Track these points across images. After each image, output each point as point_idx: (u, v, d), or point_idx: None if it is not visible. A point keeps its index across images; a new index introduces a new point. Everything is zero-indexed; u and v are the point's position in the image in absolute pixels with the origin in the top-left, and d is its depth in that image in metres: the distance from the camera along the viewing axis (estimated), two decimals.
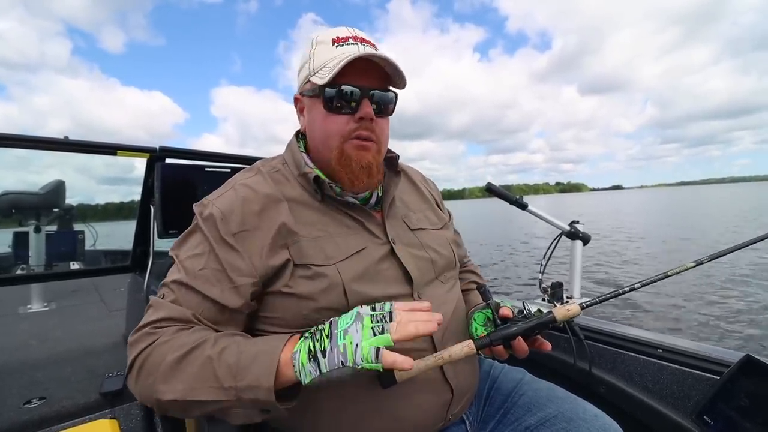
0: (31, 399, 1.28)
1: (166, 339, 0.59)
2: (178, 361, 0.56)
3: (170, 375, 0.56)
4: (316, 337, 0.56)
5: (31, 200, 3.01)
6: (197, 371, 0.55)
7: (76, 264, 3.27)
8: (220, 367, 0.55)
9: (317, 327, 0.59)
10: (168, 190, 1.45)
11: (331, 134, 0.71)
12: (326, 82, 0.67)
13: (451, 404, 0.73)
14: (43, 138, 1.33)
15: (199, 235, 0.68)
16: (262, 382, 0.53)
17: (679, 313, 5.45)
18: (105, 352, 1.73)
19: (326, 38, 0.72)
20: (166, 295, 0.65)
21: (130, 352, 0.61)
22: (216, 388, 0.54)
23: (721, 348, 0.99)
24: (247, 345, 0.58)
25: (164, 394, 0.56)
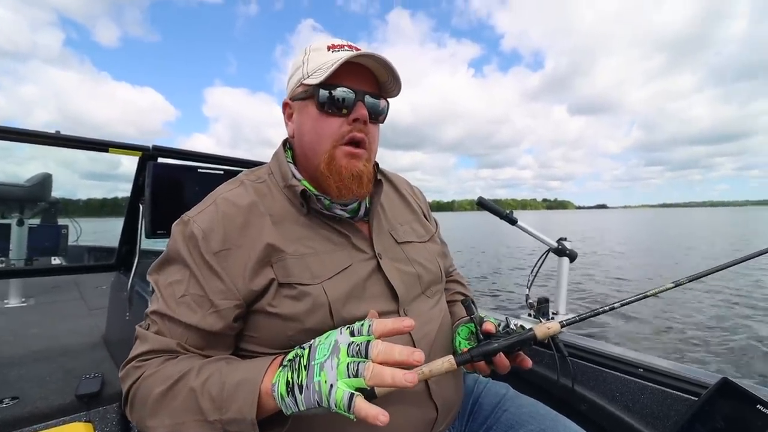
0: (3, 399, 1.24)
1: (152, 372, 0.59)
2: (164, 394, 0.56)
3: (157, 409, 0.56)
4: (294, 366, 0.53)
5: (15, 192, 2.95)
6: (182, 404, 0.55)
7: (57, 259, 3.20)
8: (204, 400, 0.54)
9: (296, 353, 0.56)
10: (158, 190, 1.44)
11: (323, 136, 0.69)
12: (322, 80, 0.66)
13: (435, 422, 0.72)
14: (35, 132, 1.31)
15: (179, 260, 0.66)
16: (245, 415, 0.52)
17: (660, 332, 5.52)
18: (83, 352, 1.69)
19: (321, 45, 0.71)
20: (150, 325, 0.65)
21: (123, 386, 0.62)
22: (202, 421, 0.53)
23: (700, 369, 1.01)
24: (229, 373, 0.56)
25: (154, 429, 0.56)
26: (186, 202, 1.50)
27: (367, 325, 0.54)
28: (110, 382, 1.36)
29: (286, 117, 0.77)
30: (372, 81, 0.71)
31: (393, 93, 0.74)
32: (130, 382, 0.60)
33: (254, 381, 0.54)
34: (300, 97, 0.71)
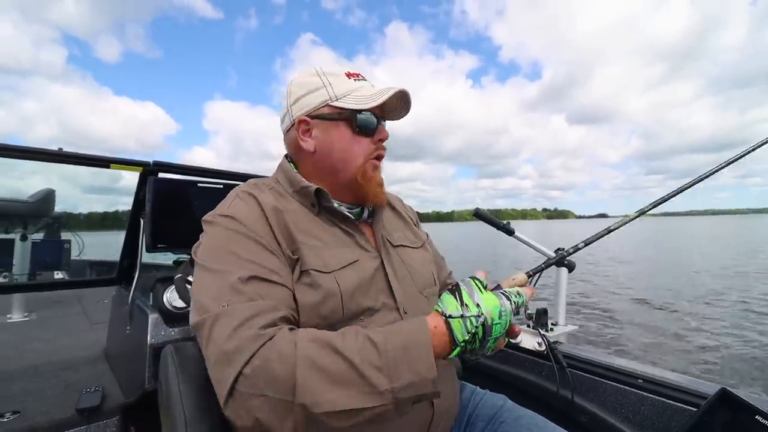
0: (4, 413, 1.24)
1: (281, 344, 0.53)
2: (316, 367, 0.51)
3: (316, 384, 0.51)
4: (470, 340, 0.58)
5: (19, 208, 2.98)
6: (347, 378, 0.51)
7: (60, 273, 3.22)
8: (369, 372, 0.51)
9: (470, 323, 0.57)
10: (159, 204, 1.46)
11: (358, 154, 0.79)
12: (371, 107, 0.75)
13: (431, 424, 0.73)
14: (39, 149, 1.33)
15: (225, 233, 0.67)
16: (425, 375, 0.52)
17: (659, 342, 5.47)
18: (84, 366, 1.69)
19: (337, 71, 0.79)
20: (231, 301, 0.59)
21: (236, 359, 0.53)
22: (371, 393, 0.51)
23: (699, 380, 1.00)
24: (387, 340, 0.55)
25: (315, 405, 0.50)
26: (186, 217, 1.52)
27: (524, 302, 0.65)
28: (111, 395, 1.36)
29: (301, 133, 0.80)
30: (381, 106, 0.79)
31: (395, 117, 0.85)
32: (249, 354, 0.53)
33: (425, 343, 0.54)
34: (328, 117, 0.78)
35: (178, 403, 0.71)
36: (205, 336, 0.58)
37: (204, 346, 0.58)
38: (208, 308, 0.59)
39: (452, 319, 0.58)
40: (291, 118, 0.81)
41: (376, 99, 0.76)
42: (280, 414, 0.51)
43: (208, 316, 0.58)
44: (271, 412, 0.51)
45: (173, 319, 1.36)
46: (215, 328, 0.57)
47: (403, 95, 0.79)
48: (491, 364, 1.40)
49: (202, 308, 0.60)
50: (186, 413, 0.69)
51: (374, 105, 0.75)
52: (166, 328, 1.33)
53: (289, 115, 0.81)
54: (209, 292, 0.61)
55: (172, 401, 0.73)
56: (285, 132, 0.84)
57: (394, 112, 0.84)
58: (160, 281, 1.43)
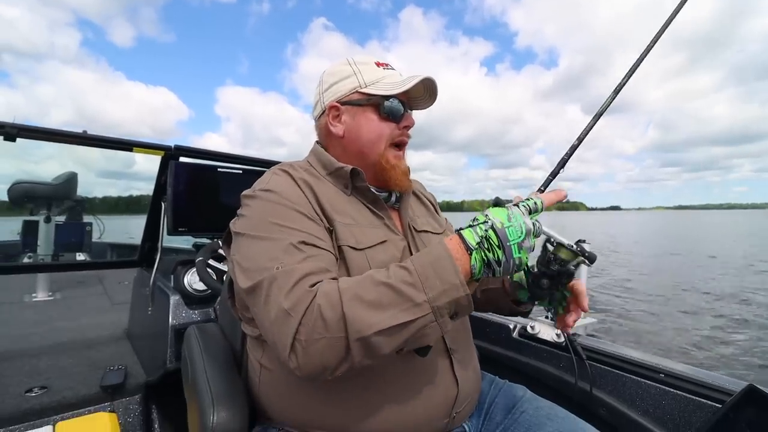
0: (32, 387, 1.29)
1: (327, 289, 0.58)
2: (359, 298, 0.56)
3: (362, 312, 0.55)
4: (486, 247, 0.60)
5: (43, 190, 3.06)
6: (388, 300, 0.56)
7: (82, 255, 3.31)
8: (405, 288, 0.56)
9: (481, 235, 0.60)
10: (180, 189, 1.48)
11: (382, 137, 0.81)
12: (395, 93, 0.78)
13: (456, 401, 0.74)
14: (64, 131, 1.36)
15: (268, 205, 0.70)
16: (453, 281, 0.57)
17: (682, 337, 5.38)
18: (107, 345, 1.75)
19: (366, 60, 0.83)
20: (284, 263, 0.61)
21: (296, 311, 0.56)
22: (411, 306, 0.56)
23: (724, 376, 0.98)
24: (414, 261, 0.60)
25: (366, 329, 0.54)
26: (207, 201, 1.54)
27: (541, 203, 0.65)
28: (133, 374, 1.40)
29: (331, 118, 0.83)
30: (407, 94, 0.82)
31: (422, 106, 0.87)
32: (305, 307, 0.56)
33: (446, 256, 0.59)
34: (357, 103, 0.81)
35: (204, 381, 0.73)
36: (262, 296, 0.60)
37: (260, 306, 0.60)
38: (262, 271, 0.61)
39: (462, 230, 0.62)
40: (322, 105, 0.84)
41: (404, 85, 0.78)
42: (340, 351, 0.55)
43: (265, 277, 0.60)
44: (331, 353, 0.55)
45: (194, 301, 1.39)
46: (273, 288, 0.59)
47: (429, 85, 0.81)
48: (510, 354, 1.40)
49: (256, 271, 0.62)
50: (212, 390, 0.70)
51: (401, 91, 0.78)
52: (187, 310, 1.36)
53: (320, 102, 0.85)
54: (260, 258, 0.63)
55: (198, 379, 0.74)
56: (316, 119, 0.87)
57: (420, 101, 0.86)
58: (180, 264, 1.46)
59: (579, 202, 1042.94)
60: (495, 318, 1.51)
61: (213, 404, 0.67)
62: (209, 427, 0.64)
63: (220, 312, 1.18)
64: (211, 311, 1.39)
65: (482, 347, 0.79)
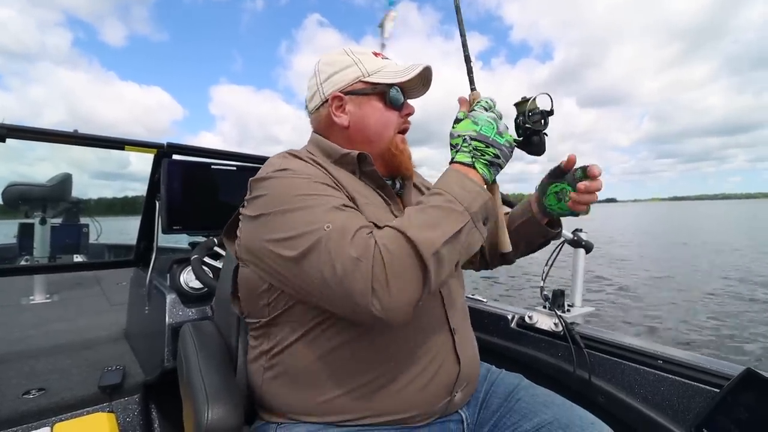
0: (30, 390, 1.29)
1: (381, 233, 0.61)
2: (414, 224, 0.60)
3: (423, 233, 0.59)
4: (479, 152, 0.67)
5: (38, 192, 3.04)
6: (437, 217, 0.61)
7: (79, 257, 3.29)
8: (446, 204, 0.62)
9: (467, 147, 0.68)
10: (174, 187, 1.46)
11: (389, 125, 0.83)
12: (398, 81, 0.80)
13: (457, 380, 0.75)
14: (54, 131, 1.34)
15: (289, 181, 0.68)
16: (475, 189, 0.65)
17: (679, 323, 5.41)
18: (105, 345, 1.74)
19: (364, 50, 0.84)
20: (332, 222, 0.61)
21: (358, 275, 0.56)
22: (456, 216, 0.62)
23: (722, 360, 0.98)
24: (440, 186, 0.66)
25: (434, 243, 0.58)
26: (201, 199, 1.53)
27: (492, 101, 0.73)
28: (131, 373, 1.40)
29: (334, 109, 0.82)
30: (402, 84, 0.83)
31: (415, 96, 0.88)
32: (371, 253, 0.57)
33: (460, 175, 0.66)
34: (362, 92, 0.81)
35: (198, 379, 0.72)
36: (320, 256, 0.59)
37: (318, 267, 0.59)
38: (312, 234, 0.60)
39: (454, 159, 0.69)
40: (322, 96, 0.82)
41: (407, 73, 0.80)
42: (418, 276, 0.58)
43: (320, 237, 0.59)
44: (412, 280, 0.58)
45: (190, 300, 1.39)
46: (330, 244, 0.59)
47: (425, 74, 0.83)
48: (508, 345, 1.40)
49: (303, 237, 0.61)
50: (207, 387, 0.70)
51: (407, 78, 0.79)
52: (184, 308, 1.35)
53: (319, 93, 0.83)
54: (302, 224, 0.62)
55: (192, 377, 0.74)
56: (314, 110, 0.85)
57: (414, 91, 0.87)
58: (176, 262, 1.45)
59: None
60: (493, 308, 1.51)
61: (207, 402, 0.66)
62: (204, 424, 0.64)
63: (216, 309, 1.17)
64: (208, 309, 1.38)
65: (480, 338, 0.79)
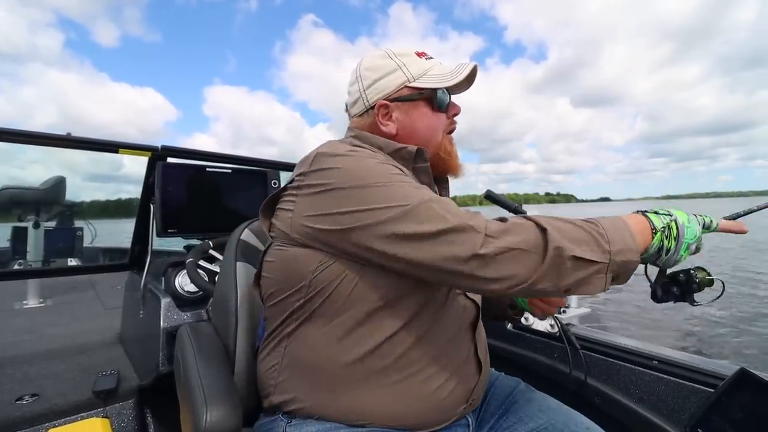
0: (23, 395, 1.27)
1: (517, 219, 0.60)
2: (556, 228, 0.58)
3: (562, 237, 0.57)
4: (666, 235, 0.65)
5: (31, 196, 3.01)
6: (582, 237, 0.59)
7: (74, 260, 3.26)
8: (596, 235, 0.60)
9: (666, 223, 0.65)
10: (168, 190, 1.46)
11: (437, 129, 0.82)
12: (453, 84, 0.78)
13: (475, 387, 0.76)
14: (46, 134, 1.33)
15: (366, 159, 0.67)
16: (632, 245, 0.61)
17: (674, 324, 5.44)
18: (99, 350, 1.73)
19: (407, 52, 0.81)
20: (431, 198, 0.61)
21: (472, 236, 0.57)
22: (599, 251, 0.59)
23: (716, 360, 0.99)
24: (597, 221, 0.63)
25: (565, 248, 0.56)
26: (196, 201, 1.52)
27: (716, 224, 0.70)
28: (126, 378, 1.38)
29: (381, 117, 0.80)
30: None
31: (459, 92, 0.85)
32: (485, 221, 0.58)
33: (626, 227, 0.63)
34: (409, 98, 0.79)
35: (196, 381, 0.72)
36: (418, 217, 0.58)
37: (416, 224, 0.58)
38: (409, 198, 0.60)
39: (648, 212, 0.67)
40: (366, 103, 0.80)
41: (456, 76, 0.78)
42: (533, 262, 0.57)
43: (412, 204, 0.59)
44: (522, 262, 0.57)
45: (185, 303, 1.38)
46: (431, 209, 0.59)
47: (473, 73, 0.81)
48: (504, 346, 1.40)
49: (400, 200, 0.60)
50: (205, 389, 0.69)
51: (456, 82, 0.78)
52: (179, 312, 1.34)
53: (363, 100, 0.80)
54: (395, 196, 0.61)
55: (190, 379, 0.73)
56: (357, 116, 0.83)
57: (458, 87, 0.84)
58: (171, 266, 1.44)
59: (570, 195, 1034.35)
60: None
61: (206, 404, 0.66)
62: (202, 427, 0.63)
63: (214, 311, 1.17)
64: (203, 313, 1.37)
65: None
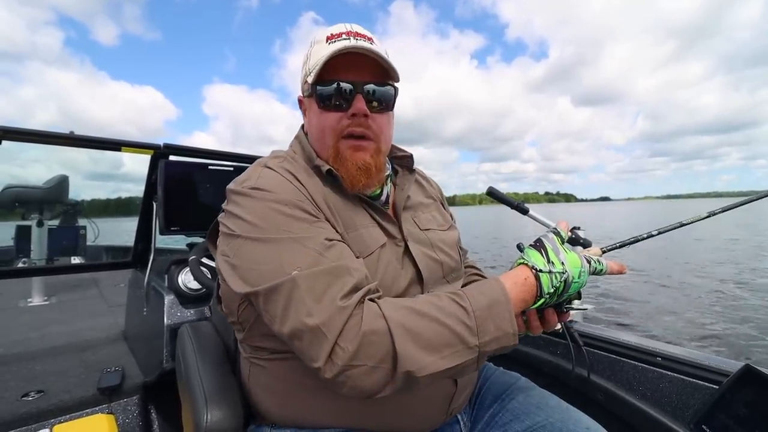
0: (29, 392, 1.28)
1: (371, 314, 0.54)
2: (410, 334, 0.53)
3: (415, 352, 0.52)
4: (550, 294, 0.61)
5: (34, 194, 3.02)
6: (441, 341, 0.54)
7: (77, 259, 3.27)
8: (461, 330, 0.54)
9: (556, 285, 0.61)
10: (171, 187, 1.46)
11: (326, 131, 0.70)
12: (313, 79, 0.67)
13: (453, 397, 0.73)
14: (49, 132, 1.33)
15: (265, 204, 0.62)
16: (507, 330, 0.56)
17: (678, 320, 5.42)
18: (103, 347, 1.74)
19: (322, 37, 0.70)
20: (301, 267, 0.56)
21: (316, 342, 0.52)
22: (463, 349, 0.54)
23: (721, 357, 0.98)
24: (472, 299, 0.57)
25: (417, 370, 0.52)
26: (198, 199, 1.52)
27: (606, 269, 0.67)
28: (130, 375, 1.39)
29: (303, 113, 0.79)
30: (373, 68, 0.69)
31: (394, 79, 0.73)
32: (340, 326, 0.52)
33: (506, 301, 0.58)
34: (306, 95, 0.74)
35: (197, 379, 0.72)
36: (281, 303, 0.55)
37: (279, 313, 0.55)
38: (276, 275, 0.56)
39: (542, 273, 0.61)
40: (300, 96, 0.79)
41: (316, 68, 0.67)
42: (381, 380, 0.53)
43: (283, 282, 0.55)
44: (372, 379, 0.53)
45: (188, 300, 1.38)
46: (294, 295, 0.54)
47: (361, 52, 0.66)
48: None
49: (268, 276, 0.56)
50: (205, 388, 0.69)
51: (314, 78, 0.67)
52: (182, 309, 1.35)
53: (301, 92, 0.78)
54: (271, 261, 0.57)
55: (191, 378, 0.73)
56: None
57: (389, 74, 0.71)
58: (174, 263, 1.44)
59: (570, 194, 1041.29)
60: None
61: (206, 403, 0.66)
62: (202, 426, 0.63)
63: (214, 310, 1.17)
64: (206, 310, 1.38)
65: None
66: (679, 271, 9.04)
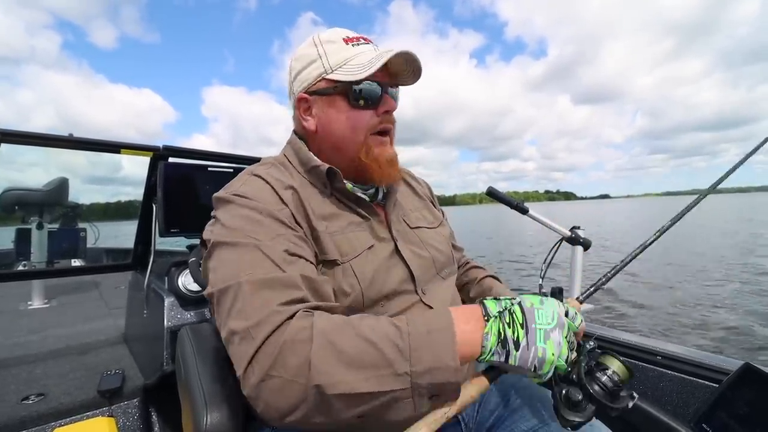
0: (29, 395, 1.28)
1: (299, 325, 0.50)
2: (332, 347, 0.48)
3: (331, 364, 0.48)
4: (506, 321, 0.53)
5: (34, 197, 3.02)
6: (365, 359, 0.48)
7: (77, 261, 3.27)
8: (388, 350, 0.48)
9: (505, 306, 0.55)
10: (170, 189, 1.46)
11: (358, 129, 0.72)
12: (364, 77, 0.68)
13: None
14: (48, 135, 1.33)
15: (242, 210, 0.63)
16: (446, 362, 0.48)
17: (677, 320, 5.42)
18: (103, 349, 1.74)
19: (334, 37, 0.73)
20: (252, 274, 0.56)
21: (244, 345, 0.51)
22: (389, 375, 0.48)
23: (721, 356, 0.98)
24: (410, 322, 0.52)
25: (328, 385, 0.47)
26: (198, 201, 1.52)
27: (580, 319, 0.60)
28: (131, 377, 1.39)
29: (302, 111, 0.76)
30: (388, 71, 0.73)
31: (409, 82, 0.77)
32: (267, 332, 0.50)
33: (448, 329, 0.51)
34: (326, 92, 0.73)
35: (196, 382, 0.72)
36: (227, 305, 0.55)
37: (224, 314, 0.56)
38: (229, 278, 0.56)
39: (487, 299, 0.57)
40: (292, 96, 0.77)
41: (370, 67, 0.68)
42: (295, 397, 0.48)
43: (231, 285, 0.56)
44: (285, 395, 0.48)
45: (189, 302, 1.38)
46: (237, 299, 0.54)
47: (409, 59, 0.71)
48: None
49: (222, 279, 0.57)
50: (205, 390, 0.69)
51: (366, 75, 0.68)
52: (182, 311, 1.35)
53: (290, 93, 0.78)
54: (229, 265, 0.58)
55: (191, 380, 0.73)
56: (292, 110, 0.80)
57: (407, 77, 0.76)
58: (174, 265, 1.44)
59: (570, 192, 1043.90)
60: None
61: (206, 405, 0.66)
62: (202, 428, 0.63)
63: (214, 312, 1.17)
64: (207, 312, 1.38)
65: None
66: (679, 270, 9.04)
